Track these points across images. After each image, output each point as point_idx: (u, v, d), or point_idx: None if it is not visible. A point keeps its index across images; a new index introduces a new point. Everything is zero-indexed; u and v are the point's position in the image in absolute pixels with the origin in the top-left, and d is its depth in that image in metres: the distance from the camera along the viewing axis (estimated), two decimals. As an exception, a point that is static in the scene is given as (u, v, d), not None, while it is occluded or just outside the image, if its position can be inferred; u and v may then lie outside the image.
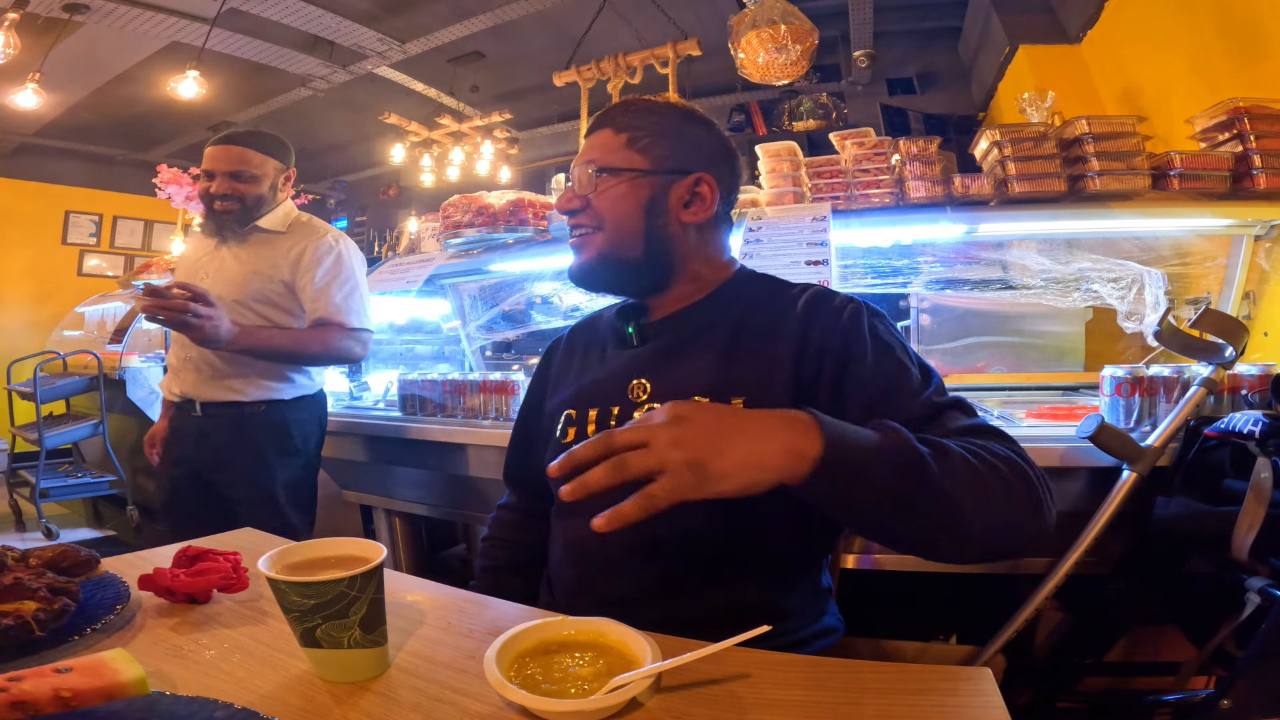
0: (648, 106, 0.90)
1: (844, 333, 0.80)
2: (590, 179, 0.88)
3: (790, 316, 0.84)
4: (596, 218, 0.88)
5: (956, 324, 2.00)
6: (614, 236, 0.88)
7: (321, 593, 0.54)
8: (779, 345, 0.82)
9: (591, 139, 0.91)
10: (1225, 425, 1.11)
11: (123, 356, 3.41)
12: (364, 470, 2.01)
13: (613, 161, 0.88)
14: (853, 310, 0.82)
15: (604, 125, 0.90)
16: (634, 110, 0.90)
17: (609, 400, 0.87)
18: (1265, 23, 2.18)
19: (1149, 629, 1.31)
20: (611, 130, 0.89)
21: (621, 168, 0.87)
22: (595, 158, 0.88)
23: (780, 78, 2.80)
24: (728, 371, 0.82)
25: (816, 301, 0.85)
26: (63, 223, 6.09)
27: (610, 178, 0.87)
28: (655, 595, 0.80)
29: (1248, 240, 1.71)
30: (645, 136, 0.88)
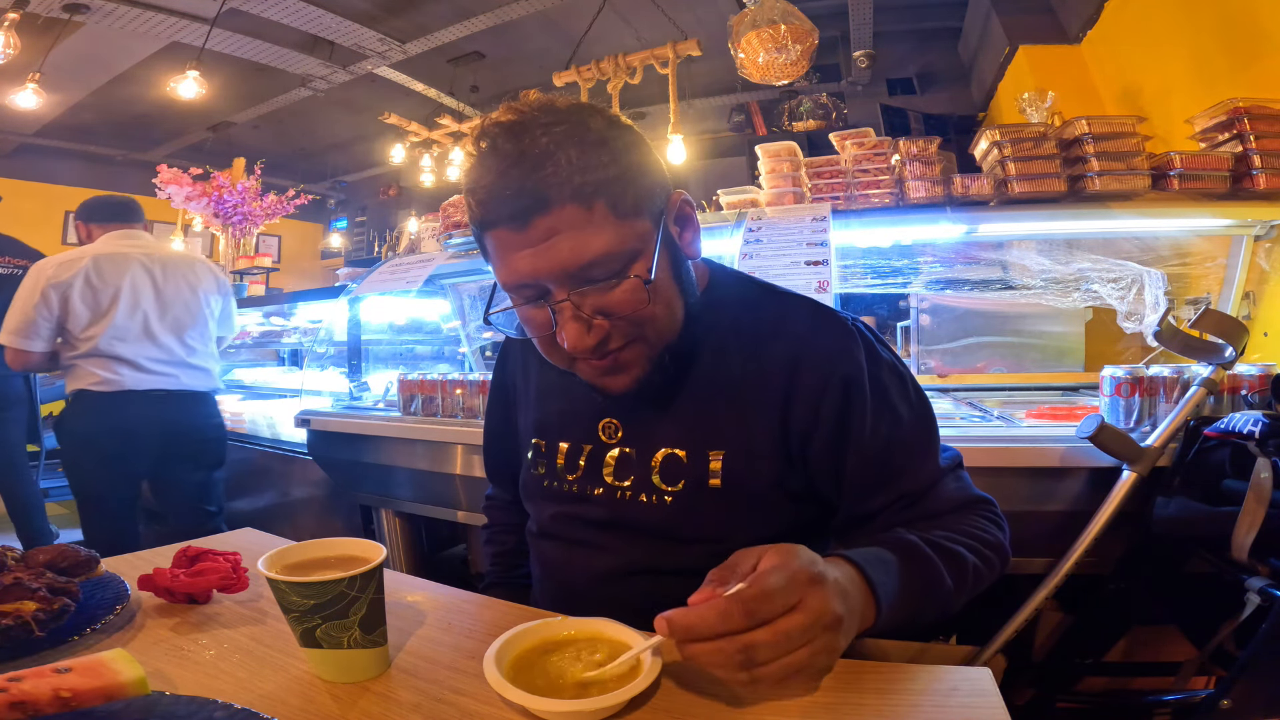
0: (571, 137, 0.61)
1: (843, 387, 0.70)
2: (606, 290, 0.63)
3: (777, 353, 0.73)
4: (632, 327, 0.66)
5: (956, 324, 2.00)
6: (663, 334, 0.69)
7: (321, 593, 0.54)
8: (764, 391, 0.72)
9: (551, 236, 0.61)
10: (1225, 425, 1.11)
11: (123, 356, 3.40)
12: (364, 470, 2.01)
13: (619, 248, 0.63)
14: (849, 358, 0.71)
15: (557, 201, 0.60)
16: (569, 154, 0.60)
17: (579, 437, 0.80)
18: (1265, 23, 2.18)
19: (1149, 629, 1.31)
20: (577, 206, 0.60)
21: (633, 249, 0.64)
22: (594, 258, 0.61)
23: (780, 78, 2.80)
24: (706, 421, 0.74)
25: (807, 339, 0.73)
26: (63, 223, 6.09)
27: (627, 274, 0.64)
28: (643, 615, 0.75)
29: (1248, 240, 1.71)
30: (617, 184, 0.62)
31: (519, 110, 0.63)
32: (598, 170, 0.61)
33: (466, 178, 0.65)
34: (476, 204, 0.63)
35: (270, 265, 3.78)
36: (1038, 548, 1.22)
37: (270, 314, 3.41)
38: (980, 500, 0.75)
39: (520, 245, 0.62)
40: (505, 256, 0.64)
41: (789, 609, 0.49)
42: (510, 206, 0.61)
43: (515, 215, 0.61)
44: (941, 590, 0.63)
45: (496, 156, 0.62)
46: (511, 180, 0.60)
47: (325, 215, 8.02)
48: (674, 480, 0.75)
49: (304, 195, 4.03)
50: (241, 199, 3.76)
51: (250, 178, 3.87)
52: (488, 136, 0.63)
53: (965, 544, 0.67)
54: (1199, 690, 1.16)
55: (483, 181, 0.62)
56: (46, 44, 3.97)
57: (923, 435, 0.74)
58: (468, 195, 0.64)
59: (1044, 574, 1.21)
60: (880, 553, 0.61)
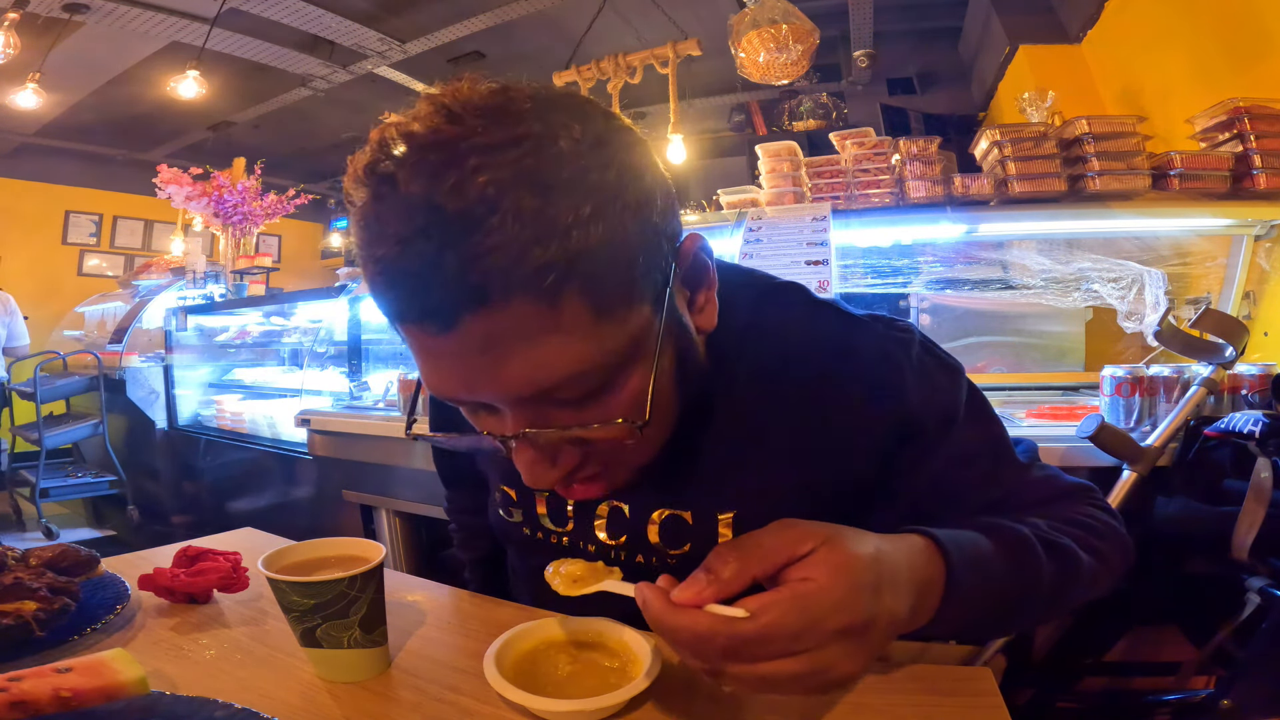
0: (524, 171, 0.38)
1: (887, 417, 0.57)
2: (576, 420, 0.45)
3: (799, 383, 0.58)
4: (611, 457, 0.50)
5: (956, 324, 2.00)
6: (653, 444, 0.52)
7: (321, 593, 0.54)
8: (785, 430, 0.58)
9: (491, 346, 0.40)
10: (1225, 425, 1.11)
11: (123, 356, 3.41)
12: (364, 470, 2.01)
13: (601, 361, 0.43)
14: (892, 378, 0.57)
15: (498, 295, 0.38)
16: (518, 210, 0.37)
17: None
18: (1265, 23, 2.18)
19: (1149, 629, 1.31)
20: (534, 303, 0.39)
21: (622, 358, 0.44)
22: (559, 380, 0.42)
23: (780, 77, 2.80)
24: (713, 477, 0.60)
25: (834, 363, 0.57)
26: (63, 223, 6.09)
27: (609, 390, 0.45)
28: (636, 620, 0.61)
29: (1248, 240, 1.71)
30: (602, 255, 0.40)
31: (449, 114, 0.39)
32: (569, 236, 0.38)
33: (356, 231, 0.41)
34: (370, 280, 0.42)
35: (270, 265, 3.78)
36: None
37: (270, 314, 3.41)
38: (1080, 488, 0.62)
39: (444, 353, 0.42)
40: (427, 362, 0.44)
41: (789, 654, 0.38)
42: (424, 300, 0.39)
43: (433, 313, 0.39)
44: (1032, 603, 0.51)
45: (399, 211, 0.38)
46: (423, 258, 0.38)
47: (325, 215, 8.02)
48: (678, 543, 0.62)
49: (304, 195, 4.03)
50: (241, 199, 3.76)
51: (250, 177, 3.87)
52: (389, 162, 0.39)
53: (1073, 535, 0.54)
54: (1199, 690, 1.16)
55: (379, 251, 0.39)
56: (46, 44, 3.97)
57: (990, 442, 0.61)
58: (358, 259, 0.42)
59: (1044, 574, 1.21)
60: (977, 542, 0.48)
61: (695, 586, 0.40)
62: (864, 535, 0.42)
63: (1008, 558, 0.49)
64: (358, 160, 0.42)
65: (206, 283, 3.67)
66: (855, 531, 0.42)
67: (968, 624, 0.49)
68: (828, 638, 0.38)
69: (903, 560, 0.43)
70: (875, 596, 0.39)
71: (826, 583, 0.38)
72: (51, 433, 3.38)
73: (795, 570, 0.40)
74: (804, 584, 0.39)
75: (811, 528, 0.41)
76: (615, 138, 0.43)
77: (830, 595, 0.38)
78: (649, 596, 0.41)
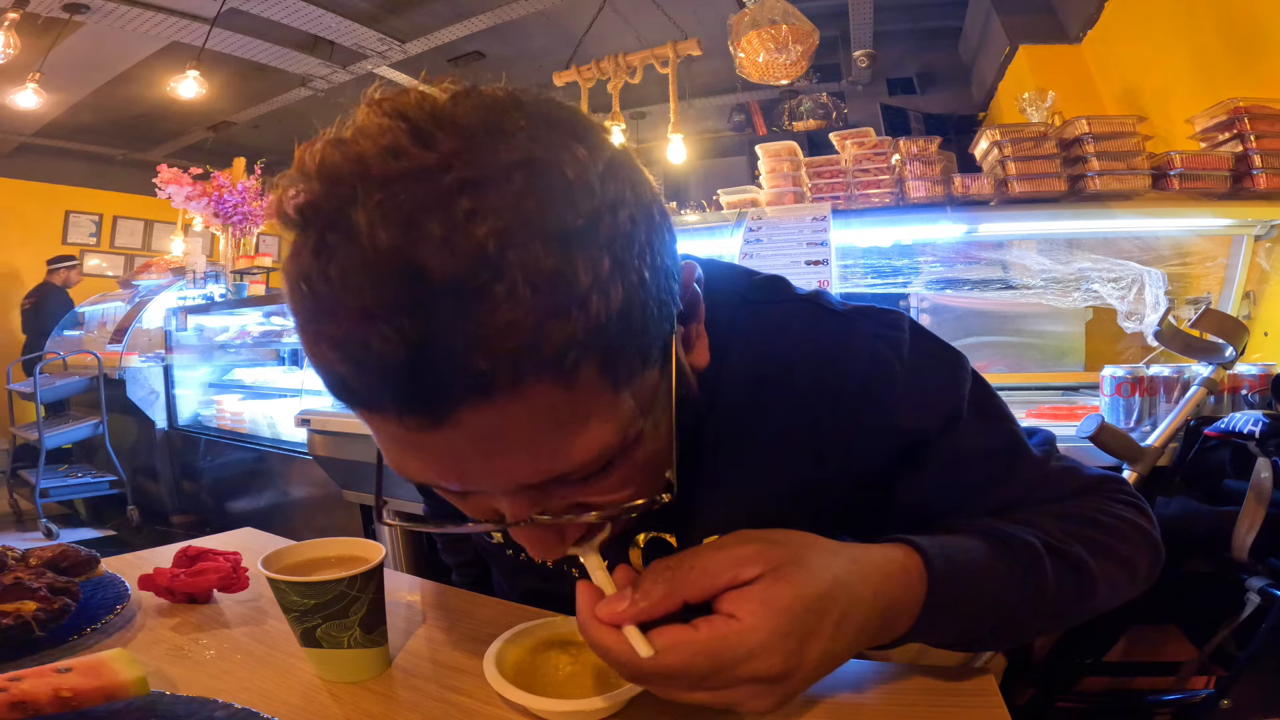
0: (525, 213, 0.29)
1: (886, 431, 0.53)
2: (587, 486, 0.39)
3: (790, 399, 0.53)
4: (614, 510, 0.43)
5: (956, 324, 2.00)
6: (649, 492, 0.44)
7: (321, 593, 0.54)
8: (775, 446, 0.55)
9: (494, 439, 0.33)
10: (1225, 425, 1.11)
11: (123, 356, 3.42)
12: (364, 470, 2.01)
13: (614, 438, 0.36)
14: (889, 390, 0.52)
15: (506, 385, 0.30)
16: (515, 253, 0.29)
17: None
18: (1265, 23, 2.18)
19: (1149, 629, 1.31)
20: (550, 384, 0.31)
21: (633, 426, 0.37)
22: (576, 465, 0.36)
23: (780, 78, 2.80)
24: (699, 499, 0.55)
25: (827, 375, 0.53)
26: (63, 223, 6.09)
27: (624, 459, 0.39)
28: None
29: (1248, 240, 1.71)
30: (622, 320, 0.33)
31: (414, 131, 0.30)
32: (589, 302, 0.31)
33: (291, 289, 0.32)
34: (319, 359, 0.32)
35: (270, 265, 3.78)
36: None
37: (270, 314, 3.41)
38: (1104, 480, 0.58)
39: (428, 448, 0.34)
40: (402, 454, 0.36)
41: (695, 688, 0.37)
42: (399, 394, 0.31)
43: (413, 410, 0.31)
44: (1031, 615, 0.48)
45: (360, 274, 0.29)
46: (399, 342, 0.29)
47: (325, 215, 8.02)
48: None
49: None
50: (241, 199, 3.76)
51: (250, 177, 3.87)
52: (335, 200, 0.29)
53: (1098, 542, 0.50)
54: (1199, 690, 1.16)
55: (331, 329, 0.30)
56: (46, 44, 3.97)
57: (1002, 437, 0.56)
58: (299, 328, 0.33)
59: (1044, 574, 1.21)
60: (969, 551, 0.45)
61: (619, 605, 0.38)
62: (827, 561, 0.39)
63: (1006, 567, 0.46)
64: (284, 190, 0.31)
65: (206, 283, 3.68)
66: (819, 555, 0.39)
67: (956, 635, 0.47)
68: (735, 680, 0.36)
69: (865, 589, 0.40)
70: (803, 644, 0.37)
71: (751, 624, 0.36)
72: (51, 433, 3.38)
73: (726, 601, 0.37)
74: (726, 623, 0.36)
75: (767, 549, 0.38)
76: (619, 158, 0.35)
77: (750, 640, 0.35)
78: (580, 602, 0.39)
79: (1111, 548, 0.50)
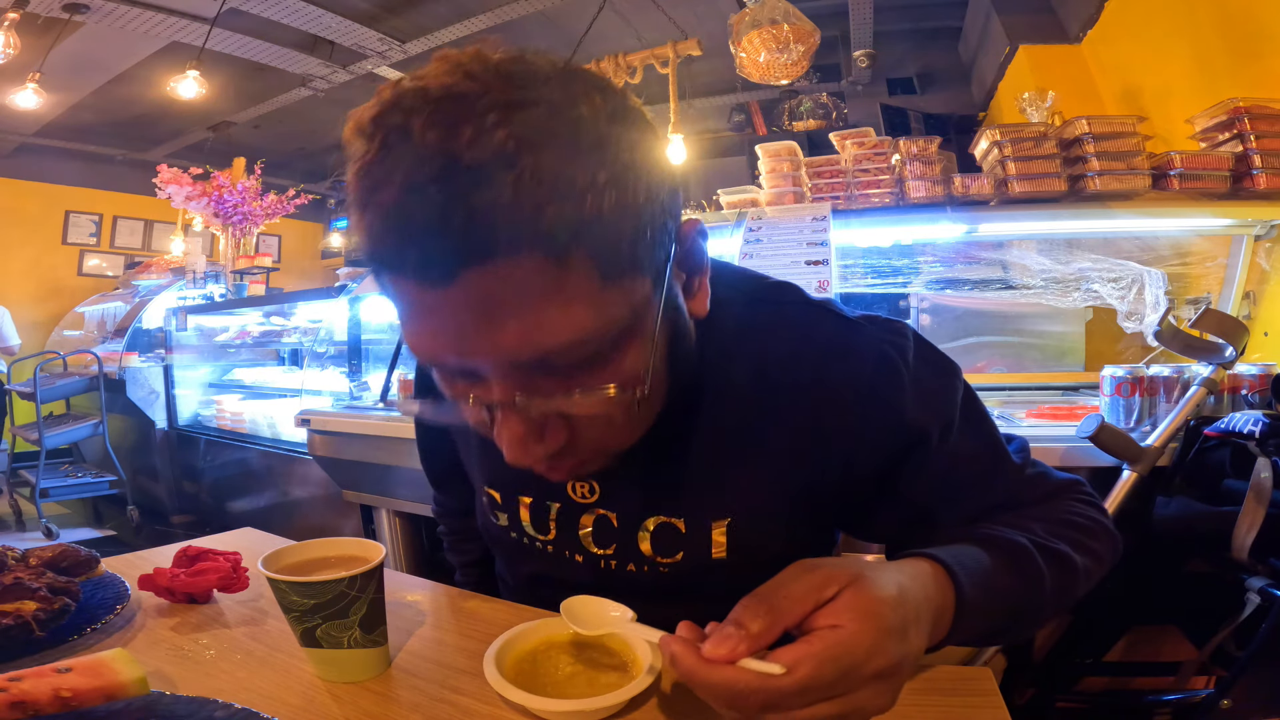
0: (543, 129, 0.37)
1: (884, 426, 0.56)
2: (566, 393, 0.42)
3: (793, 390, 0.56)
4: (600, 437, 0.48)
5: (956, 324, 2.00)
6: (640, 425, 0.50)
7: (321, 593, 0.54)
8: (779, 435, 0.57)
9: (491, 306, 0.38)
10: (1225, 425, 1.11)
11: (123, 356, 3.42)
12: (364, 470, 2.01)
13: (601, 329, 0.41)
14: (888, 387, 0.55)
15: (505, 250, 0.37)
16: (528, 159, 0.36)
17: (543, 492, 0.64)
18: (1265, 23, 2.18)
19: (1149, 629, 1.31)
20: (544, 258, 0.38)
21: (621, 328, 0.42)
22: (558, 346, 0.40)
23: (780, 77, 2.80)
24: (707, 483, 0.59)
25: (828, 369, 0.56)
26: (63, 223, 6.09)
27: (609, 361, 0.43)
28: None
29: (1248, 240, 1.71)
30: (608, 220, 0.39)
31: (466, 72, 0.38)
32: (584, 199, 0.37)
33: (355, 182, 0.39)
34: (367, 228, 0.39)
35: (270, 265, 3.78)
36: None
37: (270, 314, 3.41)
38: (1068, 484, 0.63)
39: (438, 309, 0.40)
40: (412, 319, 0.42)
41: (824, 699, 0.38)
42: (423, 249, 0.37)
43: (432, 264, 0.37)
44: (1035, 609, 0.52)
45: (409, 159, 0.36)
46: (430, 206, 0.36)
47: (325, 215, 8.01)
48: (670, 551, 0.62)
49: (304, 195, 4.03)
50: (241, 199, 3.77)
51: (250, 177, 3.87)
52: (400, 114, 0.37)
53: (1069, 538, 0.55)
54: (1199, 690, 1.16)
55: (381, 197, 0.37)
56: (46, 44, 3.97)
57: (987, 441, 0.60)
58: (354, 209, 0.40)
59: (1044, 574, 1.21)
60: (979, 559, 0.49)
61: (729, 643, 0.39)
62: (885, 573, 0.42)
63: (1010, 570, 0.50)
64: (361, 113, 0.40)
65: (206, 283, 3.68)
66: (877, 570, 0.42)
67: (977, 635, 0.51)
68: (862, 682, 0.38)
69: (920, 593, 0.43)
70: (903, 638, 0.39)
71: (856, 629, 0.38)
72: (51, 433, 3.38)
73: (823, 617, 0.39)
74: (835, 633, 0.38)
75: (834, 570, 0.41)
76: (633, 114, 0.42)
77: (861, 642, 0.38)
78: (679, 652, 0.40)
79: (1085, 543, 0.56)
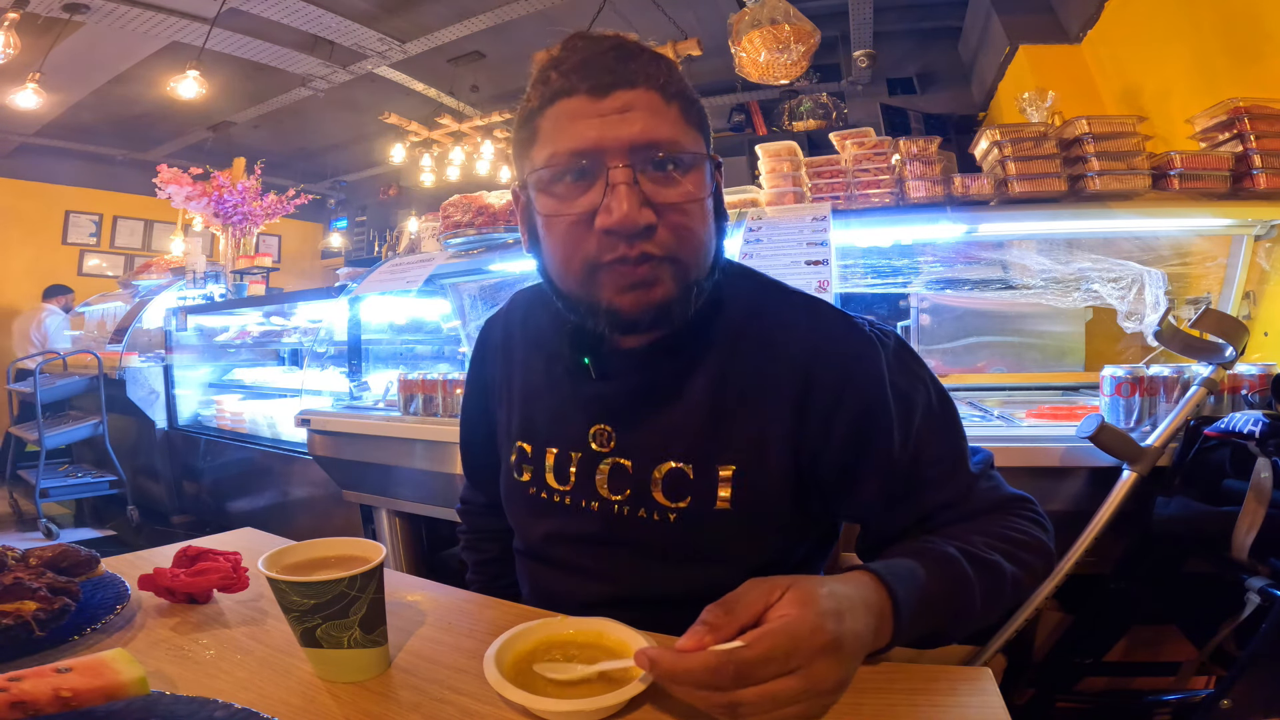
0: (656, 55, 0.65)
1: (861, 403, 0.65)
2: (666, 175, 0.62)
3: (787, 363, 0.67)
4: (674, 234, 0.62)
5: (956, 324, 2.00)
6: (697, 260, 0.65)
7: (321, 593, 0.54)
8: (776, 397, 0.67)
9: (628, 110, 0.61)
10: (1225, 425, 1.11)
11: (123, 356, 3.41)
12: (364, 470, 2.01)
13: (686, 145, 0.63)
14: (866, 372, 0.66)
15: (640, 83, 0.61)
16: (656, 62, 0.63)
17: (568, 443, 0.74)
18: (1265, 23, 2.18)
19: (1149, 629, 1.31)
20: (657, 94, 0.62)
21: (696, 154, 0.64)
22: (665, 139, 0.61)
23: (780, 77, 2.80)
24: (714, 429, 0.68)
25: (821, 340, 0.67)
26: (63, 223, 6.09)
27: (686, 174, 0.63)
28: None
29: (1248, 240, 1.71)
30: (690, 100, 0.65)
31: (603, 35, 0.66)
32: (677, 81, 0.64)
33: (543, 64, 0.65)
34: (547, 81, 0.63)
35: (270, 265, 3.78)
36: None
37: (270, 314, 3.41)
38: (1017, 499, 0.70)
39: (593, 113, 0.61)
40: (571, 124, 0.62)
41: (786, 673, 0.46)
42: (597, 76, 0.61)
43: (599, 85, 0.61)
44: (970, 610, 0.59)
45: (589, 41, 0.63)
46: (605, 56, 0.62)
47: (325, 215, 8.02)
48: (678, 497, 0.69)
49: (304, 195, 4.03)
50: (241, 199, 3.76)
51: (250, 178, 3.87)
52: (578, 37, 0.65)
53: (1002, 549, 0.63)
54: (1199, 690, 1.16)
55: (570, 58, 0.63)
56: (46, 44, 3.97)
57: (950, 444, 0.69)
58: (543, 72, 0.64)
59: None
60: (913, 569, 0.57)
61: (697, 636, 0.48)
62: (821, 579, 0.52)
63: (939, 575, 0.58)
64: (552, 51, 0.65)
65: (206, 283, 3.67)
66: (812, 577, 0.52)
67: (923, 632, 0.58)
68: (813, 654, 0.47)
69: (855, 593, 0.52)
70: (839, 620, 0.49)
71: (799, 613, 0.48)
72: (51, 433, 3.38)
73: (773, 611, 0.49)
74: (783, 618, 0.48)
75: (779, 579, 0.51)
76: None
77: (805, 621, 0.47)
78: (656, 655, 0.48)
79: (1017, 554, 0.64)
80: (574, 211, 0.62)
